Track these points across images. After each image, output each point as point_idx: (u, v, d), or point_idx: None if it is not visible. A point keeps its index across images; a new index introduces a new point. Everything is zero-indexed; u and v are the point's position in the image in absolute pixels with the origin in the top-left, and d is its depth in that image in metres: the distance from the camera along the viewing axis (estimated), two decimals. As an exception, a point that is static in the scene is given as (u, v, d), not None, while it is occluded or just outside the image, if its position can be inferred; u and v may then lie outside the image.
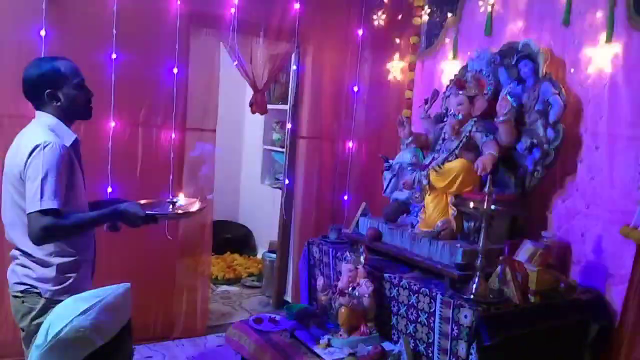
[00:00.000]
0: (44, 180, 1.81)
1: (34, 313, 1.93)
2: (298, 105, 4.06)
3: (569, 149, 2.68)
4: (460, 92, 2.83)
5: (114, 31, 3.15)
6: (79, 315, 1.34)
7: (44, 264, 1.94)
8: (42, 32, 2.94)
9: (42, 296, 1.93)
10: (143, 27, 3.28)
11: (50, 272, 1.94)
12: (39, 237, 1.82)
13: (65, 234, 1.91)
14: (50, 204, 1.80)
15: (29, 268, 1.95)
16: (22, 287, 1.95)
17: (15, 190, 1.90)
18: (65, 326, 1.32)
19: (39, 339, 1.35)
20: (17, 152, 1.90)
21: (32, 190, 1.81)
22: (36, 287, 1.93)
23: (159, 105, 3.42)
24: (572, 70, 2.70)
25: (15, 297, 1.97)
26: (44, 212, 1.80)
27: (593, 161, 2.62)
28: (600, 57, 2.54)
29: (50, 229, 1.81)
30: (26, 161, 1.84)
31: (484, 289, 2.27)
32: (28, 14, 2.97)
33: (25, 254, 1.94)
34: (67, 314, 1.36)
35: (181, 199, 2.33)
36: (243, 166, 6.11)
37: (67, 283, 1.96)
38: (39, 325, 1.76)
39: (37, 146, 1.84)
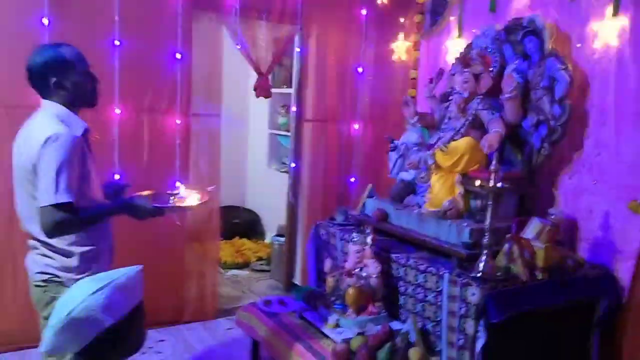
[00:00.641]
0: (57, 173, 1.79)
1: (56, 302, 1.95)
2: (302, 88, 4.04)
3: (576, 125, 2.66)
4: (466, 70, 2.81)
5: (116, 17, 3.15)
6: (92, 294, 1.37)
7: (66, 254, 1.93)
8: (45, 20, 2.94)
9: (64, 285, 1.91)
10: (145, 13, 3.28)
11: (73, 262, 1.92)
12: (51, 231, 1.82)
13: (77, 228, 1.91)
14: (64, 197, 1.79)
15: (51, 258, 1.93)
16: (45, 277, 1.93)
17: (30, 183, 1.88)
18: (78, 305, 1.36)
19: (53, 319, 1.39)
20: (27, 144, 1.87)
21: (45, 183, 1.79)
22: (59, 277, 1.92)
23: (163, 90, 3.42)
24: (578, 45, 2.67)
25: (37, 286, 1.95)
26: (57, 206, 1.79)
27: (600, 137, 2.60)
28: (607, 31, 2.51)
29: (63, 223, 1.81)
30: (38, 153, 1.81)
31: (492, 266, 2.27)
32: (30, 2, 2.96)
33: (45, 244, 1.93)
34: (80, 294, 1.39)
35: (182, 190, 2.33)
36: (249, 151, 6.11)
37: (90, 272, 1.93)
38: None
39: (48, 138, 1.80)
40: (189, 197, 2.29)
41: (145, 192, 2.21)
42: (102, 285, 1.41)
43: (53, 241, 1.91)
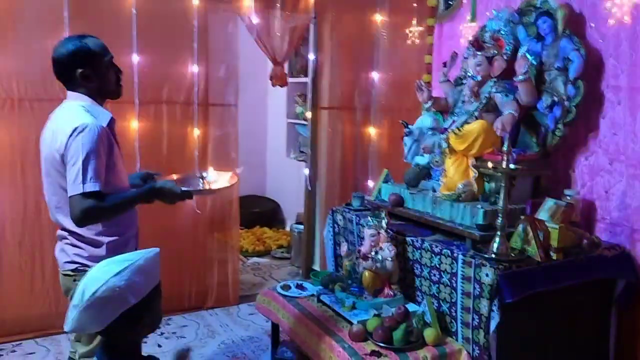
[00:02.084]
0: (84, 163, 1.82)
1: None
2: (318, 76, 4.08)
3: (591, 105, 2.64)
4: (479, 53, 2.80)
5: (134, 10, 3.22)
6: (114, 276, 1.44)
7: (95, 244, 1.98)
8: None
9: None
10: (162, 6, 3.33)
11: (101, 251, 1.97)
12: (81, 219, 1.86)
13: (106, 216, 1.94)
14: (92, 186, 1.83)
15: (80, 247, 1.99)
16: (74, 266, 1.99)
17: (58, 174, 1.91)
18: (102, 286, 1.42)
19: (75, 299, 1.45)
20: (55, 135, 1.90)
21: (74, 173, 1.83)
22: (88, 266, 1.94)
23: (181, 82, 3.50)
24: (592, 25, 2.64)
25: (66, 275, 2.02)
26: (86, 195, 1.82)
27: (615, 116, 2.58)
28: (620, 9, 2.48)
29: (91, 211, 1.84)
30: (66, 144, 1.84)
31: (505, 247, 2.28)
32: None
33: (74, 234, 1.98)
34: (102, 275, 1.45)
35: (211, 173, 2.35)
36: (268, 141, 6.19)
37: None
38: None
39: (75, 129, 1.84)
40: (217, 179, 2.32)
41: (174, 176, 2.26)
42: (123, 267, 1.47)
43: (82, 231, 1.96)
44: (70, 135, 1.84)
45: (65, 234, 2.01)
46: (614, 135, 2.59)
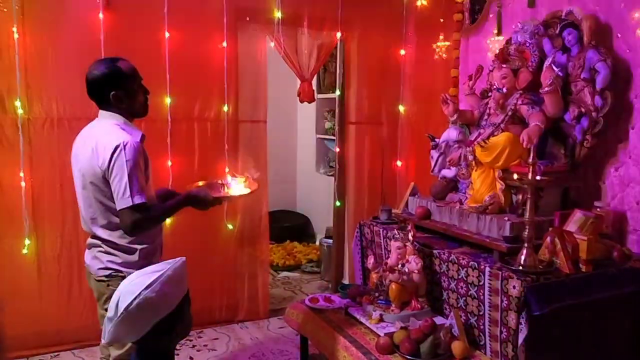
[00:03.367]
0: (130, 177, 1.97)
1: None
2: (346, 92, 4.13)
3: (620, 116, 2.61)
4: (504, 65, 2.81)
5: (167, 34, 3.34)
6: (145, 288, 1.50)
7: (128, 251, 2.11)
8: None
9: None
10: (192, 25, 3.46)
11: (134, 258, 2.11)
12: (132, 230, 2.01)
13: (153, 225, 2.13)
14: (139, 199, 1.98)
15: (114, 255, 2.11)
16: (107, 272, 2.11)
17: (96, 188, 2.04)
18: (135, 299, 1.48)
19: (110, 312, 1.52)
20: (96, 152, 2.01)
21: (121, 188, 1.97)
22: (121, 272, 2.09)
23: (212, 99, 3.60)
24: (618, 35, 2.62)
25: (100, 281, 2.13)
26: (134, 208, 1.97)
27: (645, 127, 2.55)
28: (648, 18, 2.46)
29: (141, 222, 2.00)
30: (110, 160, 1.97)
31: (533, 259, 2.26)
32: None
33: (108, 242, 2.10)
34: (134, 288, 1.51)
35: (230, 179, 2.50)
36: (298, 156, 6.26)
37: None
38: None
39: (117, 146, 1.97)
40: (237, 184, 2.45)
41: (200, 183, 2.40)
42: (153, 278, 1.53)
43: (116, 239, 2.09)
44: (114, 152, 1.97)
45: (99, 242, 2.13)
46: (644, 145, 2.55)
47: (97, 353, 3.28)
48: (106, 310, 2.13)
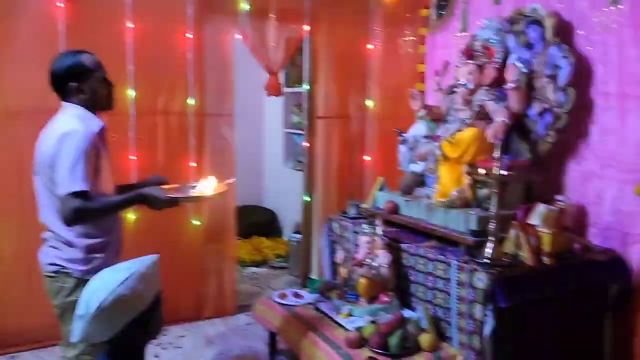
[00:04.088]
0: (74, 164, 1.92)
1: (65, 292, 2.06)
2: (313, 86, 4.11)
3: (581, 112, 2.68)
4: (470, 62, 2.85)
5: (130, 24, 3.26)
6: (119, 285, 1.46)
7: (72, 245, 2.06)
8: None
9: (71, 276, 2.06)
10: (156, 15, 3.38)
11: (78, 253, 2.06)
12: (71, 219, 1.94)
13: (95, 216, 2.04)
14: (80, 186, 1.92)
15: (59, 249, 2.08)
16: (54, 268, 2.08)
17: (45, 175, 2.02)
18: (108, 296, 1.44)
19: (80, 309, 1.47)
20: (47, 139, 2.02)
21: (63, 174, 1.92)
22: (66, 268, 2.06)
23: (177, 92, 3.53)
24: (580, 32, 2.69)
25: (48, 277, 2.10)
26: (74, 195, 1.92)
27: (606, 122, 2.62)
28: (608, 17, 2.52)
29: (81, 210, 1.92)
30: (55, 147, 1.95)
31: (498, 253, 2.31)
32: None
33: (55, 235, 2.07)
34: (106, 285, 1.47)
35: (202, 184, 2.42)
36: (266, 150, 6.21)
37: (95, 263, 2.06)
38: (72, 302, 1.91)
39: (65, 133, 1.96)
40: (208, 189, 2.37)
41: (167, 186, 2.32)
42: (126, 275, 1.50)
43: (62, 233, 2.04)
44: (60, 139, 1.95)
45: (49, 235, 2.11)
46: (605, 140, 2.63)
47: (58, 352, 3.21)
48: (57, 307, 2.09)
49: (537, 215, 2.44)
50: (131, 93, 3.32)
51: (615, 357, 2.58)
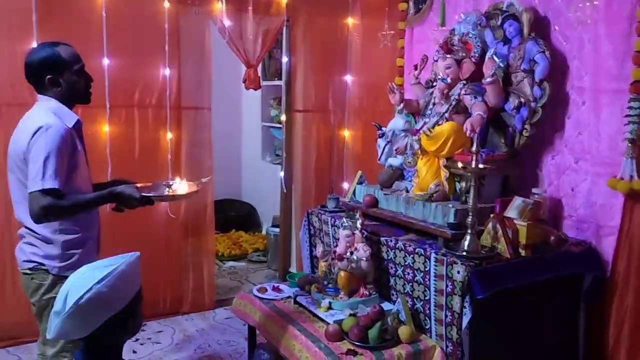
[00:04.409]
0: (46, 161, 1.88)
1: (43, 289, 2.03)
2: (292, 79, 4.10)
3: (557, 106, 2.72)
4: (448, 56, 2.86)
5: (104, 14, 3.20)
6: (97, 282, 1.44)
7: (49, 242, 2.02)
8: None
9: (49, 273, 2.02)
10: (131, 6, 3.32)
11: (56, 250, 2.02)
12: (39, 216, 1.89)
13: (64, 214, 1.98)
14: (50, 183, 1.87)
15: (36, 246, 2.03)
16: (31, 265, 2.03)
17: (19, 170, 1.97)
18: (85, 293, 1.41)
19: (57, 306, 1.44)
20: (20, 134, 1.97)
21: (34, 170, 1.88)
22: (43, 265, 2.02)
23: (153, 85, 3.48)
24: (556, 27, 2.72)
25: (25, 274, 2.06)
26: (44, 192, 1.87)
27: (580, 117, 2.66)
28: (583, 12, 2.56)
29: (49, 208, 1.88)
30: (29, 142, 1.90)
31: (476, 245, 2.33)
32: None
33: (31, 232, 2.03)
34: (85, 282, 1.44)
35: (177, 182, 2.41)
36: (243, 144, 6.18)
37: (73, 259, 2.03)
38: (50, 299, 1.88)
39: (39, 128, 1.90)
40: (182, 187, 2.36)
41: (140, 184, 2.28)
42: (106, 272, 1.47)
43: (38, 229, 2.00)
44: (34, 134, 1.90)
45: (25, 232, 2.06)
46: (579, 134, 2.67)
47: (33, 350, 3.15)
48: (34, 304, 2.05)
49: (514, 208, 2.48)
50: (106, 85, 3.26)
51: (588, 346, 2.64)
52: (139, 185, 2.25)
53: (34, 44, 2.84)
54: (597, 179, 2.58)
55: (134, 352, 3.22)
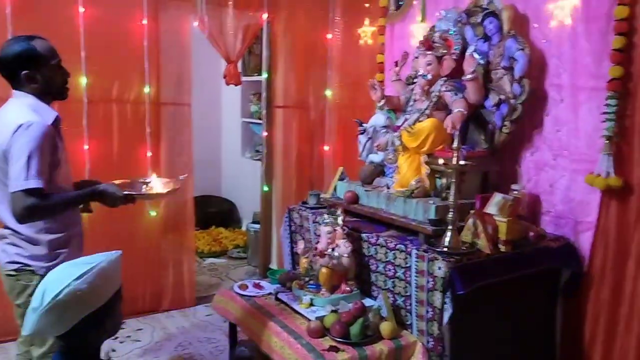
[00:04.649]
0: (28, 159, 1.82)
1: (29, 290, 1.96)
2: (272, 75, 4.08)
3: (536, 103, 2.74)
4: (429, 53, 2.87)
5: (81, 8, 3.14)
6: (76, 279, 1.41)
7: (34, 242, 1.97)
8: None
9: (35, 273, 1.96)
10: (110, 2, 3.27)
11: (42, 250, 1.97)
12: (23, 217, 1.85)
13: (48, 214, 1.94)
14: (34, 183, 1.82)
15: (20, 247, 1.97)
16: (15, 266, 1.98)
17: (0, 170, 1.91)
18: (64, 289, 1.39)
19: (35, 302, 1.42)
20: (0, 132, 1.90)
21: (17, 169, 1.82)
22: (29, 265, 1.97)
23: (132, 80, 3.43)
24: (535, 25, 2.75)
25: (9, 275, 2.00)
26: (28, 192, 1.82)
27: (558, 114, 2.69)
28: (562, 11, 2.59)
29: (33, 208, 1.83)
30: (10, 141, 1.84)
31: (456, 241, 2.35)
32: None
33: (15, 232, 1.96)
34: (64, 278, 1.42)
35: (154, 179, 2.39)
36: (223, 140, 6.14)
37: (59, 259, 1.99)
38: None
39: (20, 126, 1.84)
40: (160, 185, 2.34)
41: (118, 181, 2.25)
42: (85, 269, 1.45)
43: (22, 229, 1.94)
44: (15, 132, 1.84)
45: (7, 232, 2.00)
46: (558, 131, 2.70)
47: (13, 350, 3.09)
48: (19, 306, 2.01)
49: (494, 204, 2.50)
50: (83, 80, 3.20)
51: (565, 340, 2.68)
52: (117, 182, 2.23)
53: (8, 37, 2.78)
54: (575, 176, 2.62)
55: (114, 350, 3.18)
